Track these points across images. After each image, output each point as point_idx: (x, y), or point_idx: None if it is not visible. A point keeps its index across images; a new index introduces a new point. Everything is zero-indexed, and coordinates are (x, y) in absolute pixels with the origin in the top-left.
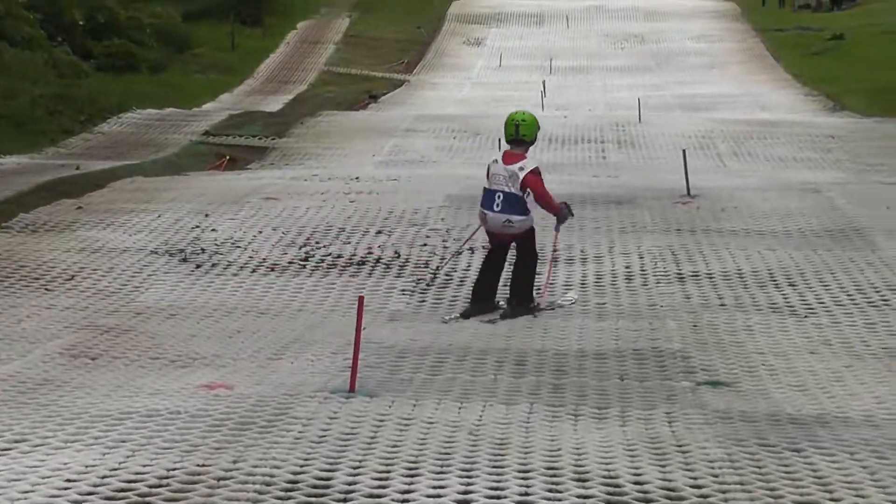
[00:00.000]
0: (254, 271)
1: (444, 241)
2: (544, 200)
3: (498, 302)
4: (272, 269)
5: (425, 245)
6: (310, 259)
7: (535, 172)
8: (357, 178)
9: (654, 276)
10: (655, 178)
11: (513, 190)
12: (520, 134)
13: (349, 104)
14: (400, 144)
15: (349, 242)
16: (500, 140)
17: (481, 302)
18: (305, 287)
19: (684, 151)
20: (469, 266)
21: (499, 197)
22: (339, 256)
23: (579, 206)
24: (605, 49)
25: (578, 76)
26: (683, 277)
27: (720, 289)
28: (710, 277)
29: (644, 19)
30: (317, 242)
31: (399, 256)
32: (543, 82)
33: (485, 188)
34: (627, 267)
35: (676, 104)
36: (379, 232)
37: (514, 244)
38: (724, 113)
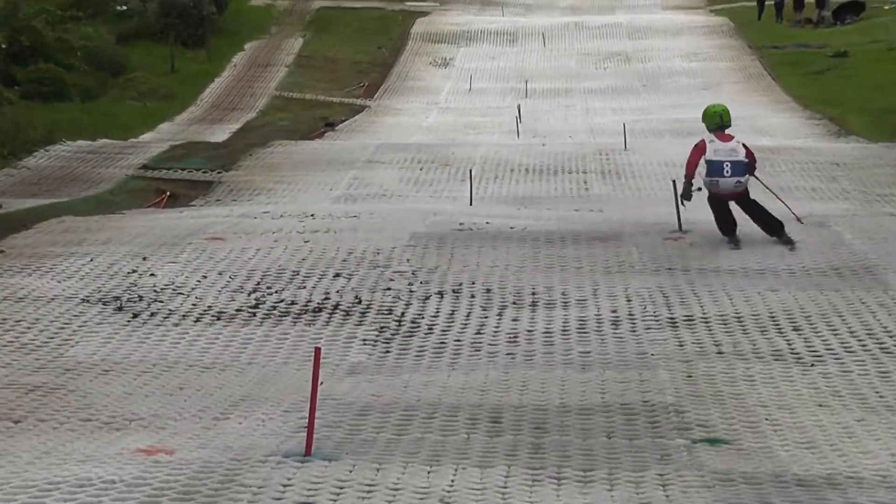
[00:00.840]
0: (198, 321)
1: (409, 284)
2: (754, 159)
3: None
4: (218, 318)
5: (389, 289)
6: (260, 306)
7: (744, 144)
8: (312, 215)
9: (644, 321)
10: (643, 211)
11: (737, 158)
12: (724, 122)
13: (303, 133)
14: (360, 177)
15: (304, 287)
16: (470, 171)
17: (731, 231)
18: (255, 338)
19: (674, 182)
20: (437, 312)
21: (726, 165)
22: (293, 303)
23: (559, 245)
24: (587, 69)
25: (557, 99)
26: (676, 322)
27: (717, 335)
28: (706, 322)
29: (628, 36)
30: (268, 288)
31: (360, 302)
32: (518, 107)
33: (708, 160)
34: (614, 311)
35: (666, 129)
36: (337, 275)
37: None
38: None
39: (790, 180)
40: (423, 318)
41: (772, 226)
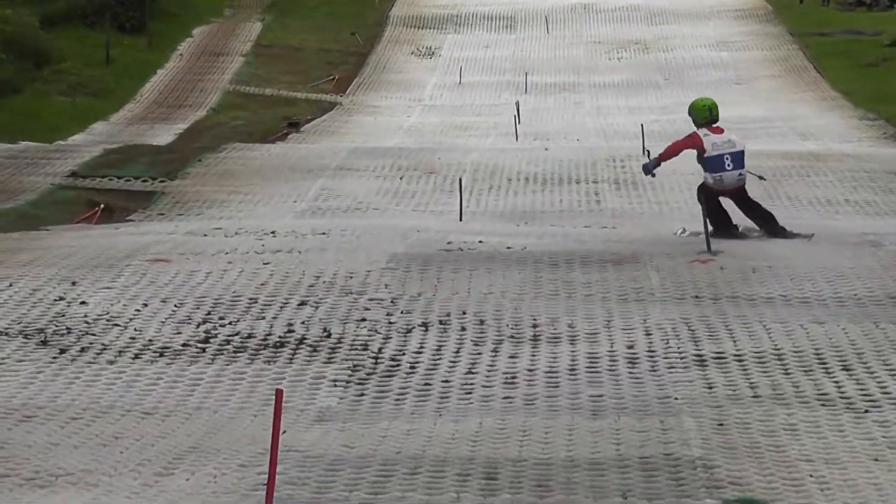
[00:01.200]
0: (137, 357)
1: (388, 314)
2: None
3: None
4: (161, 355)
5: (364, 320)
6: (211, 340)
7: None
8: (273, 232)
9: (666, 358)
10: (666, 229)
11: (735, 149)
12: (713, 115)
13: (262, 135)
14: (329, 187)
15: (263, 318)
16: (460, 180)
17: (730, 227)
18: (206, 377)
19: (700, 194)
20: (421, 347)
21: (727, 158)
22: (250, 336)
23: (565, 268)
24: (598, 60)
25: (562, 96)
26: (704, 360)
27: (752, 375)
28: (740, 360)
29: (647, 21)
30: (220, 318)
31: (329, 336)
32: (517, 104)
33: (707, 156)
34: (630, 347)
35: (691, 131)
36: (302, 303)
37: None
38: (753, 143)
39: (838, 192)
40: (404, 354)
41: (770, 221)
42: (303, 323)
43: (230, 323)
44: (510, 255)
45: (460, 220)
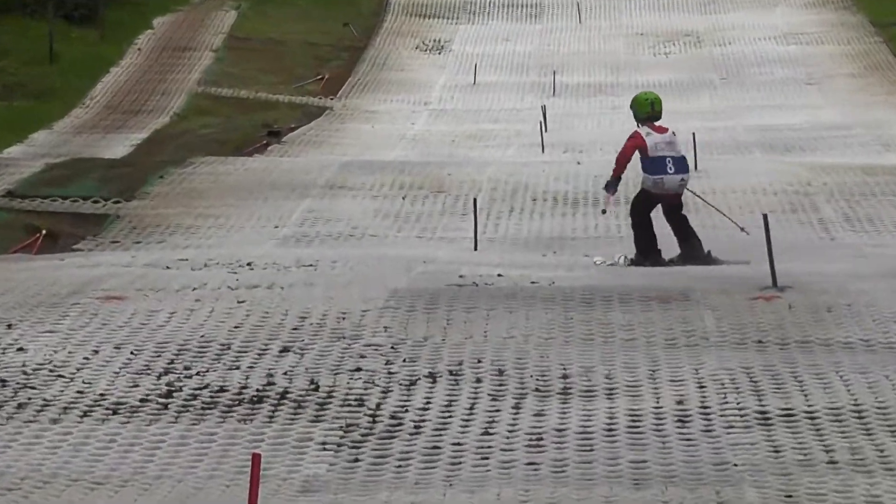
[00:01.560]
0: (85, 415)
1: (388, 363)
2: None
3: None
4: (114, 412)
5: (358, 370)
6: (175, 395)
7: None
8: (250, 263)
9: (723, 416)
10: (721, 259)
11: (676, 153)
12: (656, 110)
13: (237, 146)
14: (318, 209)
15: (237, 367)
16: (475, 200)
17: (654, 252)
18: (168, 440)
19: (766, 217)
20: (428, 403)
21: (669, 161)
22: (222, 390)
23: (601, 307)
24: (640, 56)
25: (598, 99)
26: (769, 418)
27: (828, 437)
28: (812, 418)
29: (699, 9)
30: (186, 368)
31: (317, 389)
32: (543, 109)
33: (648, 157)
34: (680, 402)
35: (753, 142)
36: (285, 350)
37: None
38: (828, 155)
39: None
40: (406, 411)
41: (692, 241)
42: (285, 373)
43: (198, 374)
44: (535, 291)
45: (475, 248)
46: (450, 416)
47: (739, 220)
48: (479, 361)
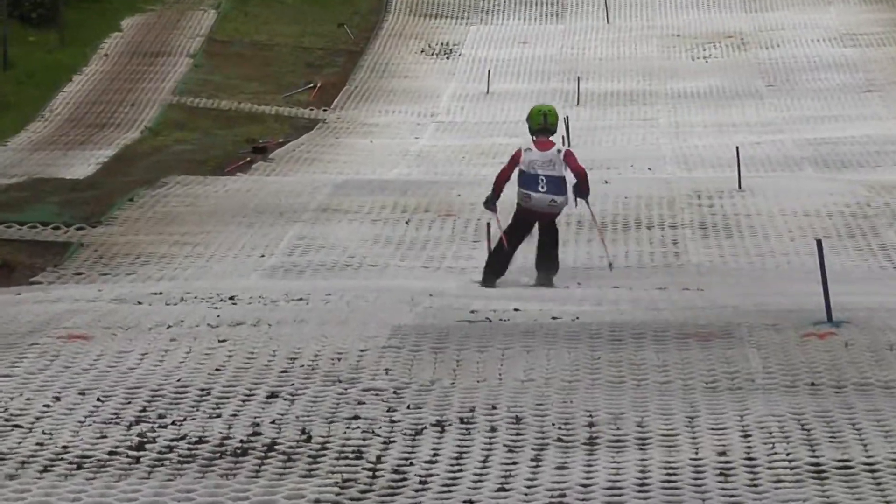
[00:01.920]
0: (46, 470)
1: (389, 410)
2: (584, 176)
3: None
4: (79, 467)
5: (356, 419)
6: (148, 447)
7: (571, 152)
8: (233, 298)
9: (771, 469)
10: (769, 291)
11: (554, 173)
12: (548, 123)
13: (217, 164)
14: (309, 236)
15: (219, 415)
16: (488, 225)
17: (498, 273)
18: (141, 497)
19: (820, 243)
20: (435, 455)
21: (542, 180)
22: (202, 441)
23: (632, 346)
24: (676, 60)
25: (628, 109)
26: (824, 472)
27: (890, 492)
28: (872, 471)
29: (744, 8)
30: (160, 417)
31: (310, 439)
32: (566, 121)
33: (522, 171)
34: (722, 454)
35: (805, 157)
36: (273, 396)
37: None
38: (891, 173)
39: None
40: (411, 464)
41: (550, 266)
42: (273, 422)
43: (174, 423)
44: (557, 327)
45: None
46: (460, 470)
47: (790, 245)
48: (494, 408)
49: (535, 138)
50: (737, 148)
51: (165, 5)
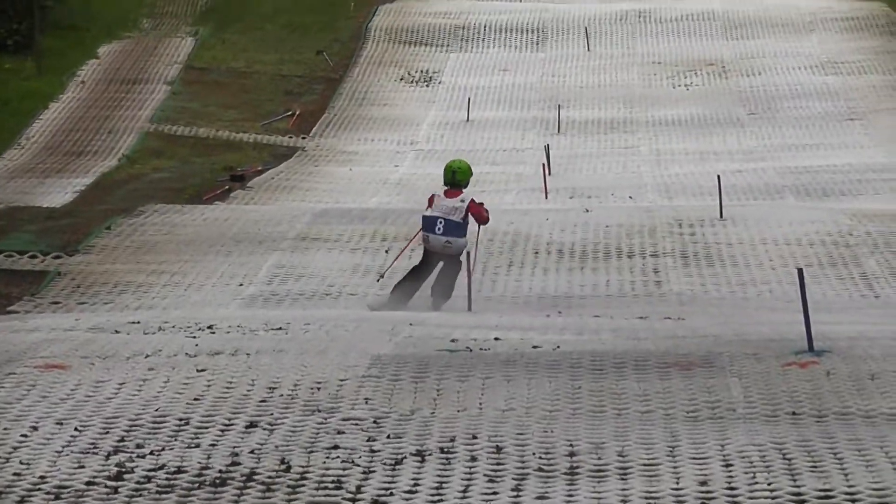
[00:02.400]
0: (23, 501)
1: (369, 440)
2: (486, 221)
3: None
4: (57, 497)
5: (336, 448)
6: (126, 477)
7: (474, 202)
8: (211, 327)
9: (752, 499)
10: (750, 320)
11: (453, 218)
12: (456, 179)
13: (195, 192)
14: (288, 264)
15: (197, 445)
16: (468, 253)
17: (401, 300)
18: None
19: (801, 272)
20: (416, 485)
21: (440, 222)
22: (180, 471)
23: (613, 375)
24: (657, 88)
25: (609, 137)
26: (805, 502)
27: None
28: (854, 501)
29: (725, 34)
30: (138, 447)
31: (289, 469)
32: (547, 149)
33: (424, 215)
34: (703, 483)
35: (787, 186)
36: (252, 425)
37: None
38: (873, 201)
39: None
40: (391, 494)
41: (442, 294)
42: (252, 452)
43: (152, 453)
44: (538, 357)
45: (469, 308)
46: (441, 500)
47: (772, 274)
48: (474, 437)
49: (446, 188)
50: (718, 176)
51: (143, 32)
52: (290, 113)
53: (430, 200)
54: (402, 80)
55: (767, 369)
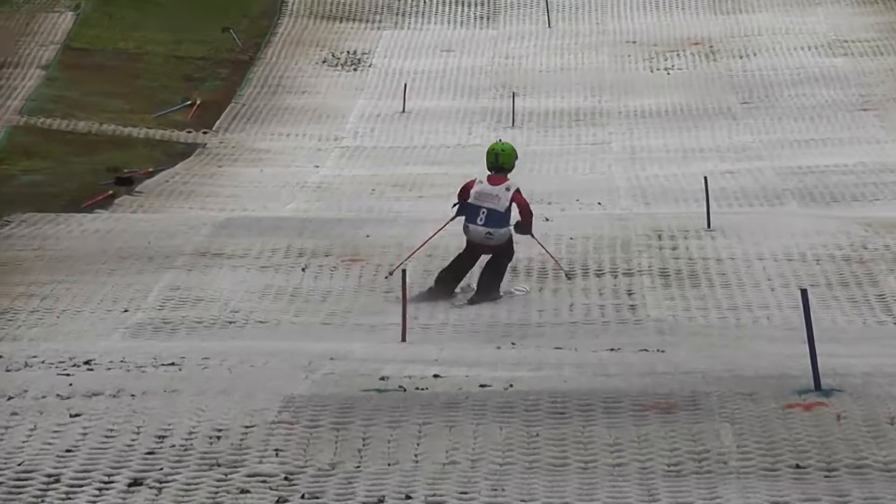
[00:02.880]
0: None
1: (280, 501)
2: (527, 213)
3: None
4: None
5: None
6: None
7: (520, 191)
8: (89, 362)
9: None
10: (744, 353)
11: (496, 207)
12: (500, 162)
13: (73, 198)
14: (184, 286)
15: None
16: (403, 273)
17: (445, 288)
18: None
19: (805, 293)
20: None
21: (483, 212)
22: None
23: (578, 420)
24: (632, 73)
25: (573, 132)
26: None
27: None
28: None
29: (713, 8)
30: None
31: None
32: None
33: (468, 203)
34: None
35: (788, 189)
36: (136, 483)
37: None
38: (892, 209)
39: None
40: None
41: (485, 293)
42: None
43: None
44: (486, 398)
45: (403, 339)
46: None
47: (770, 297)
48: (408, 497)
49: (489, 174)
50: (705, 178)
51: (13, 6)
52: (188, 103)
53: (468, 187)
54: (324, 62)
55: (765, 413)
